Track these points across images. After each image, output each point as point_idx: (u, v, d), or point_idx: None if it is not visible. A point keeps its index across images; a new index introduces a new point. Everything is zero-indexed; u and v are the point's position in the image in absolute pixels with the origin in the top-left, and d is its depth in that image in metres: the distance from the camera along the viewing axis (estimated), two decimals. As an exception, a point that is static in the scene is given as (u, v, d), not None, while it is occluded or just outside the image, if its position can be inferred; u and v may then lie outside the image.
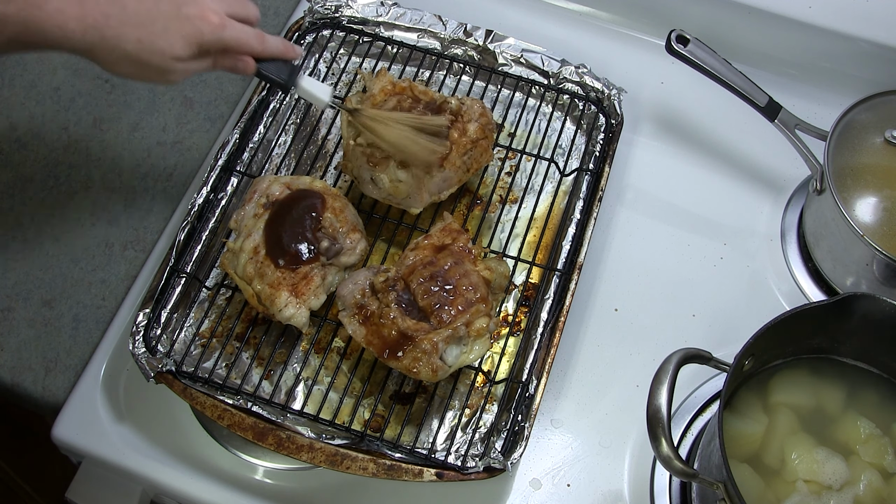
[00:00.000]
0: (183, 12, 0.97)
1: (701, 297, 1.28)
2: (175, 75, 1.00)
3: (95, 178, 1.33)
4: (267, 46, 1.05)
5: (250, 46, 1.03)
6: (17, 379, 1.20)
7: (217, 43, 1.00)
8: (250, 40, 1.03)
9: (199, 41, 0.98)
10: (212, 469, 1.15)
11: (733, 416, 1.08)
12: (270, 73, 1.07)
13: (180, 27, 0.97)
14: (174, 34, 0.96)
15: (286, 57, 1.08)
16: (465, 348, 1.11)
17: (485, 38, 1.40)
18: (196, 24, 0.97)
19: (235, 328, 1.20)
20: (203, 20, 0.98)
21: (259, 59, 1.06)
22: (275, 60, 1.07)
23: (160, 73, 0.98)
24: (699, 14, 1.45)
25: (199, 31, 0.97)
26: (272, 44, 1.06)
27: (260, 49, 1.04)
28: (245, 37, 1.02)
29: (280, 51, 1.07)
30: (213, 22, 0.98)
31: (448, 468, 1.08)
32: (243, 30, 1.02)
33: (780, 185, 1.38)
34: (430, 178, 1.21)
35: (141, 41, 0.95)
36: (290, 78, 1.09)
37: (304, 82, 1.11)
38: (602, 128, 1.35)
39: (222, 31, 0.99)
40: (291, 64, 1.09)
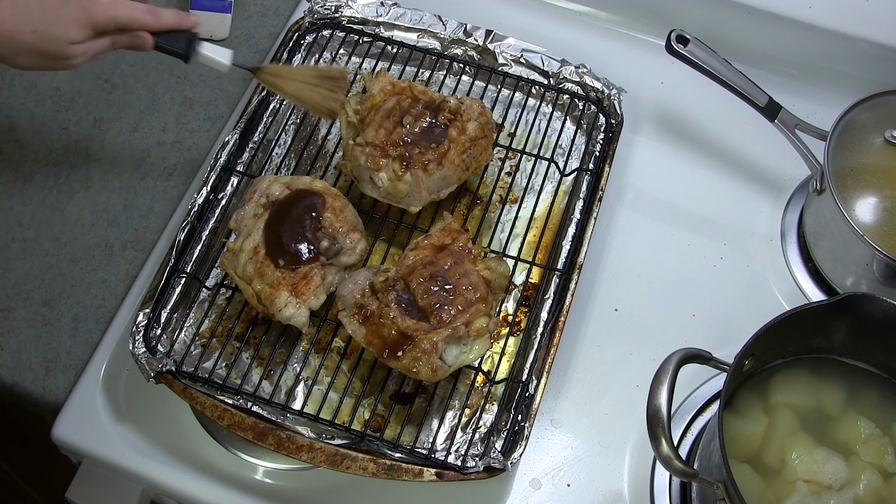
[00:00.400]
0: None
1: (701, 297, 1.28)
2: (76, 59, 1.03)
3: (95, 178, 1.33)
4: (161, 20, 1.08)
5: (143, 22, 1.07)
6: (17, 379, 1.20)
7: (110, 22, 1.03)
8: (143, 16, 1.06)
9: (91, 23, 1.01)
10: (212, 469, 1.15)
11: (733, 416, 1.08)
12: (169, 45, 1.11)
13: (72, 12, 1.00)
14: (67, 20, 0.99)
15: (181, 27, 1.11)
16: (464, 348, 1.11)
17: (485, 38, 1.40)
18: (86, 6, 1.00)
19: (235, 328, 1.20)
20: (93, 2, 1.01)
21: (155, 33, 1.09)
22: (172, 32, 1.10)
23: (60, 59, 1.02)
24: (699, 14, 1.45)
25: (90, 12, 1.01)
26: (166, 17, 1.09)
27: (154, 23, 1.08)
28: (137, 13, 1.06)
29: (175, 22, 1.10)
30: (102, 2, 1.02)
31: (448, 468, 1.08)
32: (135, 6, 1.06)
33: (780, 185, 1.38)
34: (428, 176, 1.21)
35: (36, 32, 0.98)
36: (188, 48, 1.12)
37: (203, 49, 1.14)
38: (602, 128, 1.35)
39: (114, 10, 1.03)
40: (189, 33, 1.12)
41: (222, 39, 1.47)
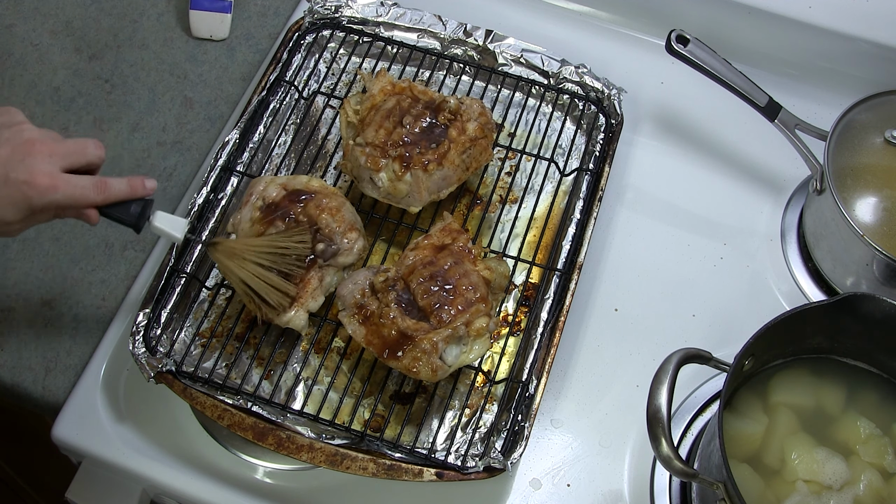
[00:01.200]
0: (11, 178, 0.94)
1: (701, 297, 1.28)
2: (13, 233, 0.99)
3: (95, 178, 1.33)
4: (108, 194, 1.02)
5: (88, 200, 1.00)
6: (17, 379, 1.20)
7: (49, 205, 0.97)
8: (87, 194, 1.00)
9: (28, 206, 0.96)
10: (212, 469, 1.15)
11: (733, 416, 1.08)
12: (117, 215, 1.05)
13: (8, 194, 0.94)
14: (2, 202, 0.94)
15: (133, 197, 1.05)
16: (464, 348, 1.11)
17: (485, 38, 1.40)
18: (24, 190, 0.95)
19: (235, 328, 1.20)
20: (31, 186, 0.95)
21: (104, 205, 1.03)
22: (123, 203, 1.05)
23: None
24: (699, 14, 1.45)
25: (27, 197, 0.95)
26: (115, 190, 1.03)
27: (100, 200, 1.01)
28: (80, 192, 0.99)
29: (125, 194, 1.04)
30: (41, 186, 0.95)
31: (448, 468, 1.08)
32: (77, 185, 0.99)
33: (780, 185, 1.38)
34: (428, 177, 1.21)
35: None
36: (140, 217, 1.06)
37: (157, 220, 1.09)
38: (602, 128, 1.35)
39: (53, 193, 0.96)
40: (143, 201, 1.06)
41: (222, 39, 1.47)
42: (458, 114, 1.24)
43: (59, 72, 1.37)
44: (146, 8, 1.48)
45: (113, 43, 1.45)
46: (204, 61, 1.45)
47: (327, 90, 1.40)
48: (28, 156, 0.95)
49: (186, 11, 1.45)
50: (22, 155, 0.95)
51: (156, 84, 1.41)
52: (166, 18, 1.48)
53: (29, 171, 0.95)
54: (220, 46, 1.46)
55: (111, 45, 1.44)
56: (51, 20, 1.45)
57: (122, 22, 1.46)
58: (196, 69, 1.44)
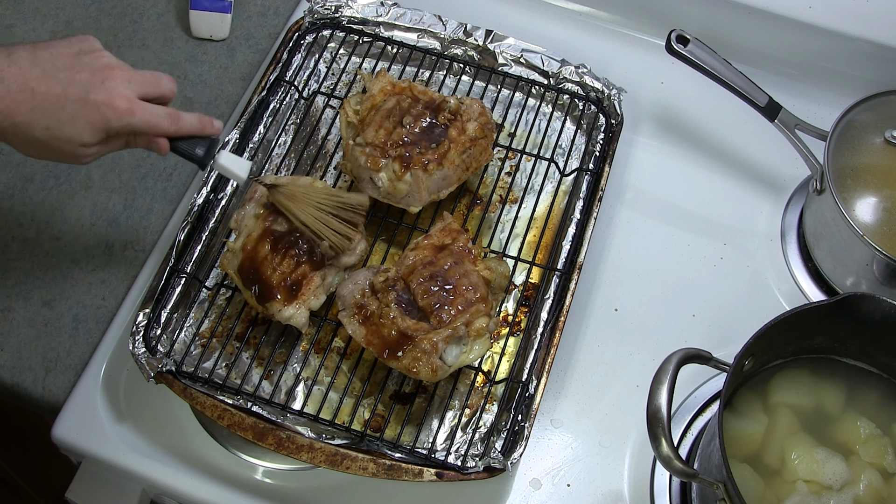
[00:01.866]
0: (91, 99, 0.96)
1: (701, 297, 1.28)
2: (86, 159, 1.01)
3: (95, 178, 1.33)
4: (181, 126, 1.05)
5: (161, 128, 1.03)
6: (17, 379, 1.20)
7: (125, 129, 1.00)
8: (161, 122, 1.02)
9: (105, 128, 0.98)
10: (212, 469, 1.15)
11: (733, 416, 1.08)
12: (187, 150, 1.07)
13: (87, 114, 0.96)
14: (81, 122, 0.96)
15: (202, 134, 1.07)
16: (464, 348, 1.11)
17: (485, 38, 1.40)
18: (103, 111, 0.97)
19: (235, 328, 1.20)
20: (110, 107, 0.97)
21: (174, 138, 1.06)
22: (192, 137, 1.07)
23: (70, 157, 0.99)
24: (699, 14, 1.45)
25: (105, 118, 0.97)
26: (186, 122, 1.05)
27: (173, 130, 1.04)
28: (155, 119, 1.01)
29: (195, 128, 1.06)
30: (120, 108, 0.98)
31: (448, 468, 1.08)
32: (153, 113, 1.01)
33: (780, 185, 1.38)
34: (428, 177, 1.21)
35: (49, 129, 0.95)
36: (206, 154, 1.08)
37: (221, 159, 1.10)
38: (602, 128, 1.35)
39: (130, 117, 0.99)
40: (209, 139, 1.09)
41: (222, 39, 1.47)
42: (458, 114, 1.24)
43: (59, 72, 1.37)
44: (146, 8, 1.48)
45: (113, 43, 1.45)
46: (204, 61, 1.45)
47: (327, 90, 1.40)
48: (108, 79, 0.98)
49: (186, 11, 1.45)
50: (102, 78, 0.97)
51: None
52: (166, 18, 1.48)
53: (109, 93, 0.97)
54: (220, 46, 1.46)
55: (111, 45, 1.44)
56: (51, 20, 1.45)
57: (122, 22, 1.46)
58: (196, 69, 1.44)
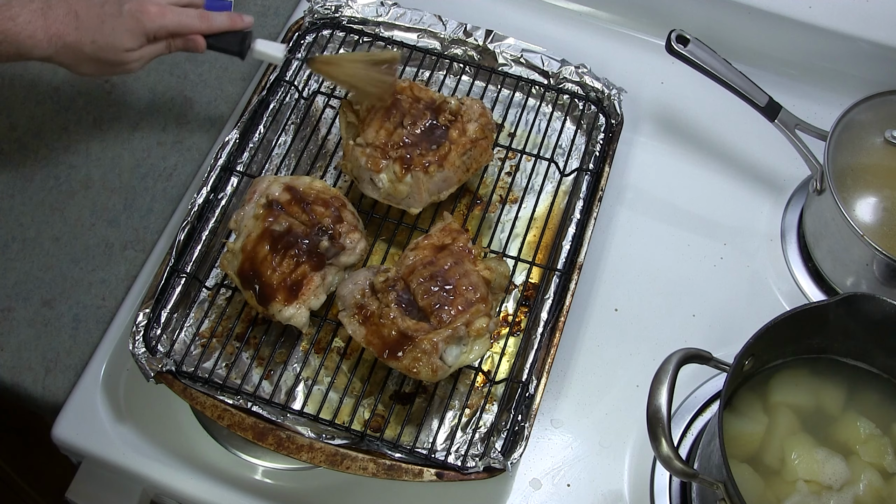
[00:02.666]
0: (125, 9, 1.11)
1: (701, 297, 1.28)
2: (132, 64, 1.14)
3: (95, 178, 1.33)
4: (212, 23, 1.18)
5: (194, 27, 1.16)
6: (17, 379, 1.20)
7: (160, 30, 1.14)
8: (193, 22, 1.16)
9: (143, 31, 1.12)
10: (212, 469, 1.15)
11: (733, 416, 1.08)
12: (224, 45, 1.20)
13: (124, 23, 1.10)
14: (120, 30, 1.10)
15: (234, 28, 1.20)
16: (465, 348, 1.11)
17: (485, 38, 1.40)
18: (137, 17, 1.11)
19: (235, 328, 1.20)
20: (142, 13, 1.12)
21: (209, 35, 1.18)
22: (226, 34, 1.20)
23: (118, 65, 1.13)
24: (699, 14, 1.45)
25: (140, 23, 1.11)
26: (217, 21, 1.19)
27: (205, 27, 1.17)
28: (187, 20, 1.15)
29: (227, 25, 1.20)
30: (151, 12, 1.12)
31: (448, 468, 1.08)
32: (184, 13, 1.15)
33: (780, 185, 1.38)
34: (429, 178, 1.21)
35: (95, 42, 1.09)
36: (242, 46, 1.21)
37: (258, 45, 1.23)
38: (602, 128, 1.35)
39: (162, 18, 1.13)
40: (242, 33, 1.21)
41: (222, 39, 1.47)
42: (458, 114, 1.24)
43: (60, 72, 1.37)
44: (146, 8, 1.48)
45: (113, 43, 1.45)
46: (204, 61, 1.45)
47: (327, 90, 1.40)
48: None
49: (188, 11, 1.45)
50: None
51: (156, 84, 1.41)
52: (166, 18, 1.48)
53: (140, 2, 1.12)
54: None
55: (111, 45, 1.44)
56: (51, 20, 1.45)
57: (122, 22, 1.46)
58: (196, 69, 1.44)
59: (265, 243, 1.15)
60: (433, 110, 1.25)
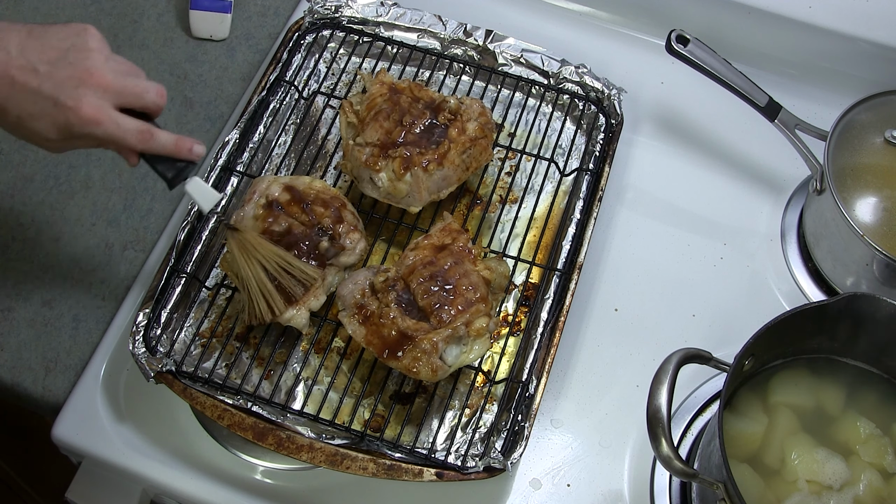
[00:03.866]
0: (60, 101, 0.96)
1: (701, 297, 1.28)
2: (53, 150, 1.01)
3: (95, 178, 1.33)
4: (150, 146, 1.02)
5: (128, 144, 1.00)
6: (17, 379, 1.20)
7: (87, 137, 0.98)
8: (128, 139, 1.00)
9: (69, 131, 0.97)
10: (212, 469, 1.15)
11: (733, 416, 1.08)
12: (155, 166, 1.05)
13: (54, 114, 0.96)
14: (47, 120, 0.96)
15: (176, 156, 1.04)
16: (464, 348, 1.11)
17: (485, 38, 1.40)
18: (68, 115, 0.96)
19: (235, 328, 1.20)
20: (75, 113, 0.96)
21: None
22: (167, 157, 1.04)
23: (38, 144, 0.99)
24: (699, 14, 1.45)
25: (69, 123, 0.96)
26: (159, 143, 1.02)
27: (141, 148, 1.01)
28: (121, 134, 0.99)
29: (168, 150, 1.03)
30: (85, 117, 0.96)
31: (448, 468, 1.08)
32: (121, 127, 0.99)
33: (780, 185, 1.38)
34: (429, 177, 1.21)
35: (20, 118, 0.96)
36: (176, 176, 1.05)
37: (189, 185, 1.07)
38: (602, 128, 1.35)
39: (95, 126, 0.97)
40: (181, 163, 1.05)
41: (222, 39, 1.47)
42: (458, 114, 1.24)
43: (59, 72, 1.37)
44: (146, 8, 1.48)
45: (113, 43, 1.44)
46: (204, 61, 1.45)
47: (327, 90, 1.40)
48: (82, 84, 0.97)
49: (186, 11, 1.45)
50: (77, 82, 0.96)
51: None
52: (166, 18, 1.48)
53: (77, 99, 0.96)
54: (220, 46, 1.46)
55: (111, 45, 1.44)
56: (51, 20, 1.45)
57: (122, 22, 1.46)
58: (196, 69, 1.44)
59: (265, 243, 1.15)
60: (433, 109, 1.25)
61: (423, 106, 1.25)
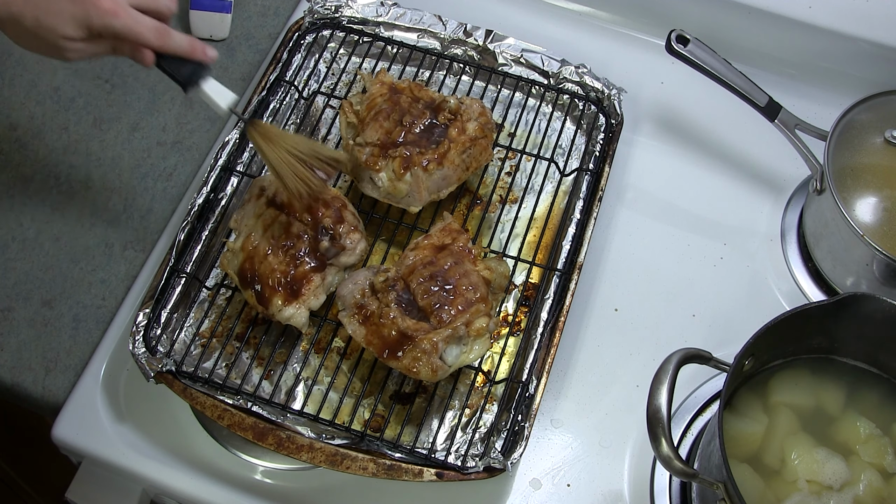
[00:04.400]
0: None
1: (701, 297, 1.28)
2: (70, 53, 1.02)
3: (95, 178, 1.33)
4: (167, 42, 1.04)
5: (145, 39, 1.02)
6: (17, 379, 1.20)
7: (106, 29, 1.01)
8: (145, 33, 1.02)
9: (87, 25, 1.00)
10: (212, 469, 1.15)
11: (733, 416, 1.08)
12: (170, 69, 1.06)
13: (72, 9, 0.99)
14: (65, 15, 0.99)
15: (190, 57, 1.06)
16: (464, 348, 1.11)
17: (485, 38, 1.40)
18: (86, 7, 0.99)
19: (235, 328, 1.20)
20: (94, 5, 0.99)
21: (160, 54, 1.04)
22: (179, 58, 1.05)
23: (54, 49, 1.02)
24: (699, 14, 1.45)
25: (87, 14, 0.99)
26: (174, 42, 1.04)
27: (157, 44, 1.03)
28: (139, 29, 1.01)
29: (184, 49, 1.05)
30: (102, 7, 0.99)
31: (448, 468, 1.08)
32: (139, 21, 1.01)
33: (780, 185, 1.38)
34: (428, 176, 1.21)
35: (37, 19, 0.99)
36: (190, 78, 1.06)
37: (205, 85, 1.08)
38: (602, 128, 1.35)
39: (112, 18, 1.00)
40: (196, 64, 1.07)
41: (222, 39, 1.47)
42: (458, 114, 1.24)
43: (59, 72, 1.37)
44: (146, 8, 1.48)
45: (113, 43, 1.45)
46: (204, 61, 1.45)
47: (327, 90, 1.40)
48: None
49: (186, 11, 1.45)
50: None
51: (156, 84, 1.41)
52: (166, 18, 1.48)
53: None
54: (220, 46, 1.46)
55: (111, 45, 1.44)
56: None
57: (122, 22, 1.46)
58: (196, 69, 1.44)
59: (266, 243, 1.15)
60: (432, 109, 1.25)
61: (423, 106, 1.25)
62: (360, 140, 1.23)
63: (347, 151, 1.24)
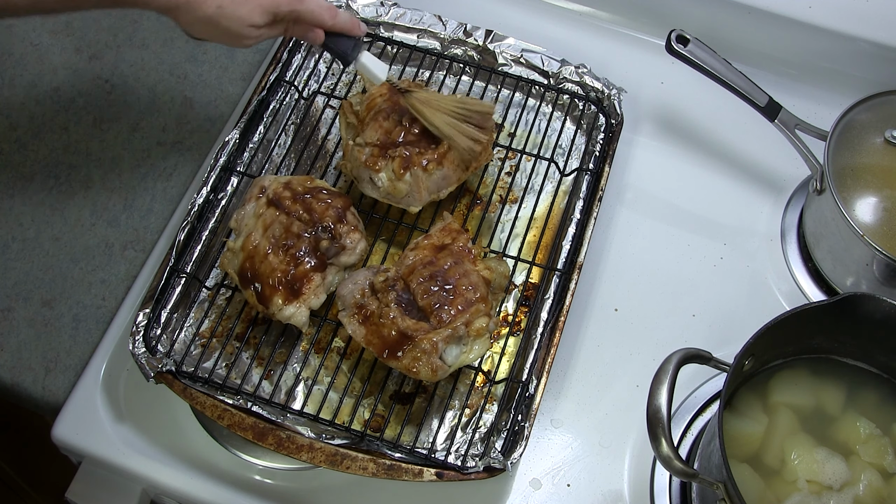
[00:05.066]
0: None
1: (701, 297, 1.28)
2: (249, 41, 1.08)
3: (95, 178, 1.33)
4: (337, 21, 1.12)
5: (321, 19, 1.11)
6: (17, 379, 1.20)
7: (292, 14, 1.08)
8: (323, 14, 1.10)
9: (275, 11, 1.06)
10: (212, 469, 1.15)
11: (733, 416, 1.08)
12: (336, 46, 1.15)
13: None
14: (253, 3, 1.04)
15: (352, 33, 1.14)
16: (464, 348, 1.11)
17: (485, 38, 1.40)
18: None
19: (235, 328, 1.20)
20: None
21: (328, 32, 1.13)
22: (341, 35, 1.14)
23: (235, 37, 1.06)
24: (699, 14, 1.45)
25: (277, 2, 1.06)
26: (342, 19, 1.13)
27: (331, 23, 1.12)
28: (319, 10, 1.10)
29: (347, 26, 1.13)
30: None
31: (448, 468, 1.08)
32: (319, 3, 1.10)
33: (780, 185, 1.38)
34: (428, 176, 1.21)
35: (221, 7, 1.03)
36: (352, 52, 1.16)
37: (364, 58, 1.17)
38: (602, 128, 1.35)
39: (299, 4, 1.07)
40: (355, 40, 1.16)
41: (222, 39, 1.47)
42: (458, 114, 1.24)
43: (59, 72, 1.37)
44: (146, 8, 1.48)
45: (113, 43, 1.45)
46: (204, 61, 1.45)
47: (327, 90, 1.40)
48: None
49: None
50: None
51: (156, 84, 1.41)
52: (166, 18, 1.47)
53: None
54: (220, 46, 1.46)
55: (111, 45, 1.44)
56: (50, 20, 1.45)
57: (121, 22, 1.46)
58: (196, 69, 1.44)
59: (266, 243, 1.15)
60: (433, 110, 1.25)
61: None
62: (359, 140, 1.23)
63: (347, 152, 1.24)
